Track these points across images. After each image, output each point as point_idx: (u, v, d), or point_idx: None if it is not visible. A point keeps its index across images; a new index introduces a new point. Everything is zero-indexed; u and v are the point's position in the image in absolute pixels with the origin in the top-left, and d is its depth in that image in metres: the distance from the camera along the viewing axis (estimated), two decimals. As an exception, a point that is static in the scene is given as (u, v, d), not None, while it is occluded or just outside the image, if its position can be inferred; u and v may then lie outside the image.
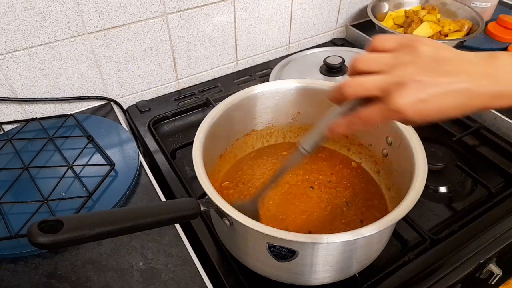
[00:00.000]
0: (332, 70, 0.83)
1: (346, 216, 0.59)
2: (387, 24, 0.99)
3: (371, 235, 0.43)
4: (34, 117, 0.77)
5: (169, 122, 0.84)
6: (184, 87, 0.93)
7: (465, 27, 0.95)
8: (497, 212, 0.64)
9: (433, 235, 0.60)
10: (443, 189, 0.69)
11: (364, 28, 1.07)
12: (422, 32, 0.93)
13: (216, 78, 0.96)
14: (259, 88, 0.63)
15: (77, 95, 0.80)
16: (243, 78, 0.95)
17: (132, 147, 0.71)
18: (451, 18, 1.00)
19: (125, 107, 0.87)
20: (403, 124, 0.38)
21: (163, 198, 0.66)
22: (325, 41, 1.09)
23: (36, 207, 0.60)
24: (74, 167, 0.67)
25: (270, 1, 0.91)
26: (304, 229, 0.57)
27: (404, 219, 0.61)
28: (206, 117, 0.57)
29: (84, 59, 0.77)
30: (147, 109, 0.86)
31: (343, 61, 0.82)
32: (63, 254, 0.57)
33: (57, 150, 0.70)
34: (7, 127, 0.77)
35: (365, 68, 0.38)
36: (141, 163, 0.70)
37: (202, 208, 0.47)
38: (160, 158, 0.75)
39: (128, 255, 0.57)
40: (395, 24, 1.00)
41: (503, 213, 0.63)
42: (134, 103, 0.88)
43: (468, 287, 0.61)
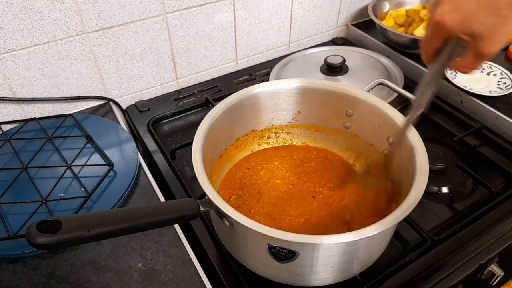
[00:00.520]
0: (333, 70, 0.83)
1: (346, 216, 0.58)
2: (388, 24, 0.98)
3: (372, 236, 0.43)
4: (33, 117, 0.77)
5: (169, 122, 0.84)
6: (184, 87, 0.93)
7: (466, 27, 0.94)
8: (498, 213, 0.64)
9: (434, 236, 0.59)
10: (444, 190, 0.68)
11: (365, 28, 1.07)
12: (423, 32, 0.93)
13: (216, 78, 0.95)
14: (259, 88, 0.63)
15: (76, 95, 0.80)
16: (243, 78, 0.95)
17: (131, 147, 0.71)
18: (452, 18, 0.99)
19: (124, 107, 0.87)
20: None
21: (163, 199, 0.65)
22: (326, 41, 1.08)
23: (35, 208, 0.59)
24: (73, 167, 0.66)
25: (270, 0, 0.91)
26: (302, 231, 0.57)
27: (405, 220, 0.60)
28: (206, 117, 0.57)
29: (83, 59, 0.76)
30: (146, 109, 0.86)
31: (344, 61, 0.82)
32: (62, 255, 0.57)
33: (56, 150, 0.70)
34: (6, 127, 0.76)
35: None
36: (140, 163, 0.70)
37: (202, 209, 0.46)
38: (160, 158, 0.74)
39: (128, 256, 0.57)
40: (396, 24, 1.00)
41: (504, 214, 0.63)
42: (133, 103, 0.87)
43: (469, 288, 0.61)
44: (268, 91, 0.64)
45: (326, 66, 0.83)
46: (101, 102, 0.84)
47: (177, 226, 0.61)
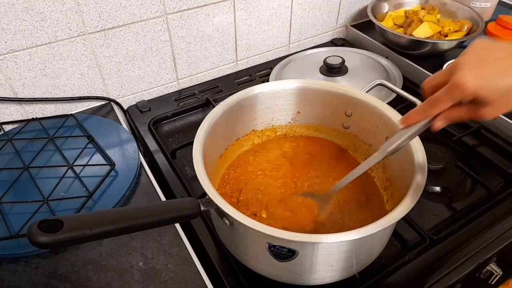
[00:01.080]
0: (332, 70, 0.83)
1: (346, 216, 0.59)
2: (387, 24, 0.99)
3: (371, 235, 0.43)
4: (35, 117, 0.77)
5: (169, 122, 0.84)
6: (184, 87, 0.93)
7: (465, 27, 0.95)
8: (497, 212, 0.64)
9: (433, 235, 0.60)
10: (443, 189, 0.69)
11: (364, 28, 1.07)
12: (422, 32, 0.93)
13: (216, 78, 0.96)
14: (259, 88, 0.63)
15: (78, 95, 0.80)
16: (243, 78, 0.95)
17: (132, 147, 0.72)
18: (451, 18, 1.00)
19: (125, 107, 0.87)
20: (484, 115, 0.40)
21: (163, 198, 0.66)
22: (325, 41, 1.09)
23: (36, 207, 0.60)
24: (74, 167, 0.67)
25: (270, 1, 0.91)
26: (303, 229, 0.57)
27: (404, 219, 0.61)
28: (207, 117, 0.57)
29: (84, 59, 0.77)
30: (147, 109, 0.86)
31: (343, 61, 0.82)
32: (63, 254, 0.57)
33: (57, 150, 0.70)
34: (8, 127, 0.77)
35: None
36: (141, 163, 0.70)
37: (202, 208, 0.47)
38: (160, 158, 0.75)
39: (128, 255, 0.57)
40: (395, 25, 1.00)
41: (503, 213, 0.64)
42: (134, 103, 0.88)
43: (468, 287, 0.61)
44: (268, 92, 0.64)
45: (326, 67, 0.83)
46: (103, 103, 0.85)
47: (178, 226, 0.61)
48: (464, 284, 0.59)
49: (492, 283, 0.65)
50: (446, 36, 0.95)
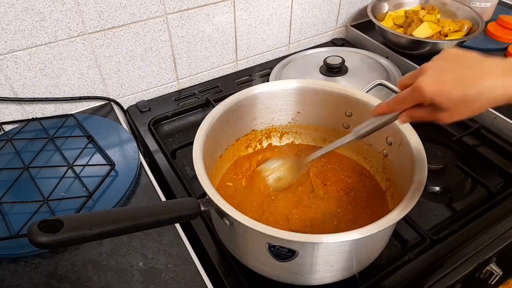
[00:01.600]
0: (332, 70, 0.83)
1: (345, 216, 0.59)
2: (387, 24, 0.99)
3: (371, 235, 0.43)
4: (34, 117, 0.77)
5: (169, 122, 0.84)
6: (184, 87, 0.93)
7: (465, 27, 0.95)
8: (497, 212, 0.64)
9: (433, 235, 0.60)
10: (443, 189, 0.69)
11: (364, 28, 1.07)
12: (422, 32, 0.93)
13: (216, 78, 0.96)
14: (259, 88, 0.63)
15: (77, 95, 0.80)
16: (243, 78, 0.95)
17: (132, 147, 0.72)
18: (451, 18, 1.00)
19: (125, 107, 0.87)
20: (441, 119, 0.43)
21: (163, 198, 0.66)
22: (325, 41, 1.09)
23: (36, 207, 0.60)
24: (74, 167, 0.67)
25: (270, 1, 0.91)
26: (303, 229, 0.57)
27: (404, 219, 0.61)
28: (207, 117, 0.57)
29: (84, 59, 0.77)
30: (147, 109, 0.86)
31: (343, 61, 0.82)
32: (63, 254, 0.57)
33: (57, 150, 0.70)
34: (7, 127, 0.77)
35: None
36: (141, 163, 0.70)
37: (202, 208, 0.47)
38: (160, 158, 0.75)
39: (128, 255, 0.57)
40: (395, 24, 1.00)
41: (503, 213, 0.64)
42: (134, 103, 0.88)
43: (468, 287, 0.61)
44: (268, 92, 0.64)
45: (326, 67, 0.83)
46: (102, 103, 0.85)
47: (178, 226, 0.61)
48: (464, 284, 0.59)
49: (492, 283, 0.65)
50: (446, 36, 0.95)
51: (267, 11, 0.93)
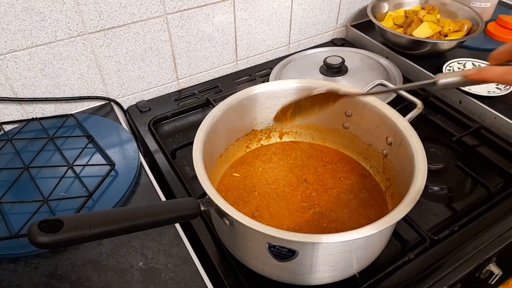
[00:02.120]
0: (332, 70, 0.83)
1: (345, 216, 0.59)
2: (387, 24, 0.99)
3: (371, 235, 0.43)
4: (34, 117, 0.77)
5: (169, 122, 0.84)
6: (184, 87, 0.93)
7: (465, 27, 0.95)
8: (497, 212, 0.64)
9: (433, 235, 0.60)
10: (443, 189, 0.69)
11: (364, 28, 1.07)
12: (422, 32, 0.93)
13: (216, 78, 0.96)
14: (259, 88, 0.63)
15: (77, 95, 0.80)
16: (243, 78, 0.95)
17: (132, 147, 0.72)
18: (451, 18, 1.00)
19: (125, 107, 0.87)
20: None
21: (163, 198, 0.66)
22: (325, 41, 1.09)
23: (36, 207, 0.60)
24: (74, 167, 0.67)
25: (270, 1, 0.91)
26: (302, 229, 0.57)
27: (404, 219, 0.61)
28: (206, 117, 0.57)
29: (84, 59, 0.77)
30: (147, 109, 0.86)
31: (343, 61, 0.82)
32: (63, 254, 0.57)
33: (57, 150, 0.70)
34: (7, 127, 0.77)
35: None
36: (141, 163, 0.70)
37: (202, 208, 0.47)
38: (160, 158, 0.75)
39: (128, 255, 0.57)
40: (395, 24, 1.00)
41: (503, 213, 0.64)
42: (134, 103, 0.88)
43: (468, 287, 0.61)
44: (268, 92, 0.64)
45: (326, 67, 0.83)
46: (102, 102, 0.85)
47: (178, 226, 0.61)
48: (464, 284, 0.59)
49: (492, 283, 0.65)
50: (446, 36, 0.95)
51: (267, 11, 0.93)
